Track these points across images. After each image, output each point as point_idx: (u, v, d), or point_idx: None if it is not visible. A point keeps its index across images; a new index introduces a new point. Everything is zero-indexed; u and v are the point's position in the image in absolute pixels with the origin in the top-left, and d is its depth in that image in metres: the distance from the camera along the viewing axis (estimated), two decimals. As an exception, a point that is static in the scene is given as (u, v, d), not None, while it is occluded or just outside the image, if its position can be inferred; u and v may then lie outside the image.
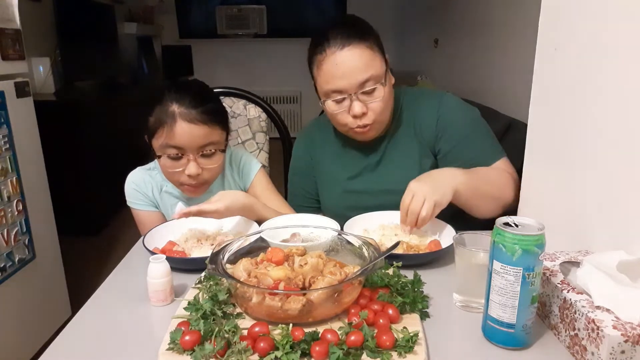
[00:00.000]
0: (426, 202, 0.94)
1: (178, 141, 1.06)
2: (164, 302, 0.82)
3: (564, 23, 0.90)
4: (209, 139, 1.09)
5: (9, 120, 1.71)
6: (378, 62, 1.08)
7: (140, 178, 1.22)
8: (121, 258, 1.02)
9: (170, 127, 1.06)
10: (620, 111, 0.76)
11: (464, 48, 3.44)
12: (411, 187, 0.97)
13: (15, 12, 1.77)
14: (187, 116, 1.06)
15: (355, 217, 1.08)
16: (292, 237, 0.98)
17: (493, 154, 1.13)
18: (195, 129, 1.06)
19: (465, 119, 1.16)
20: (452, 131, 1.14)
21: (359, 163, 1.22)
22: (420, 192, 0.95)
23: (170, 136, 1.06)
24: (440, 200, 0.95)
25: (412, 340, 0.65)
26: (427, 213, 0.94)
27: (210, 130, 1.09)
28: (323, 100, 1.11)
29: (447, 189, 0.97)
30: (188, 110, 1.06)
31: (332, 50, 1.05)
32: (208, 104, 1.10)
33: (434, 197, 0.94)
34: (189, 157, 1.08)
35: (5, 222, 1.67)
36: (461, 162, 1.10)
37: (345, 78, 1.05)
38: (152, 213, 1.22)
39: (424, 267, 0.94)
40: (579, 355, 0.66)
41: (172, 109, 1.06)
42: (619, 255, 0.69)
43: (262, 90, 2.70)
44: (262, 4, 5.45)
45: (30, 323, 1.81)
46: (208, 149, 1.10)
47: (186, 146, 1.07)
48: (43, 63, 3.13)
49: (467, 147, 1.13)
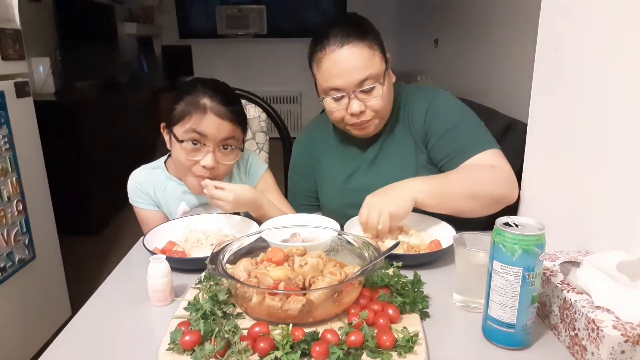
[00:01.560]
0: (381, 214, 0.96)
1: (204, 129, 1.10)
2: (164, 302, 0.82)
3: (564, 23, 0.90)
4: (231, 135, 1.13)
5: (9, 120, 1.70)
6: (377, 61, 1.08)
7: (143, 177, 1.23)
8: (121, 258, 1.02)
9: (198, 117, 1.10)
10: (621, 111, 0.76)
11: (464, 48, 3.44)
12: (367, 201, 0.99)
13: (15, 12, 1.77)
14: (218, 111, 1.10)
15: (355, 218, 1.08)
16: (292, 237, 0.99)
17: (481, 143, 1.10)
18: (222, 123, 1.11)
19: (454, 111, 1.16)
20: (440, 121, 1.13)
21: (357, 160, 1.23)
22: (375, 205, 0.97)
23: (198, 123, 1.10)
24: (396, 211, 0.96)
25: (412, 340, 0.65)
26: (383, 226, 0.96)
27: (234, 128, 1.13)
28: (322, 97, 1.12)
29: (404, 198, 0.98)
30: (219, 106, 1.11)
31: (332, 49, 1.06)
32: (235, 105, 1.16)
33: (389, 208, 0.96)
34: (208, 148, 1.11)
35: (5, 222, 1.66)
36: (448, 151, 1.10)
37: (344, 76, 1.05)
38: (154, 212, 1.23)
39: (424, 267, 0.94)
40: (579, 355, 0.66)
41: (204, 101, 1.10)
42: (619, 255, 0.69)
43: (262, 90, 2.69)
44: (262, 4, 5.45)
45: (30, 323, 1.81)
46: (229, 143, 1.14)
47: (210, 136, 1.10)
48: (43, 63, 3.13)
49: (454, 136, 1.11)
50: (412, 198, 0.98)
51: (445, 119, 1.13)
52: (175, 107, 1.12)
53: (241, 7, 5.43)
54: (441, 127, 1.13)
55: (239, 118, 1.15)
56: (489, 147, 1.09)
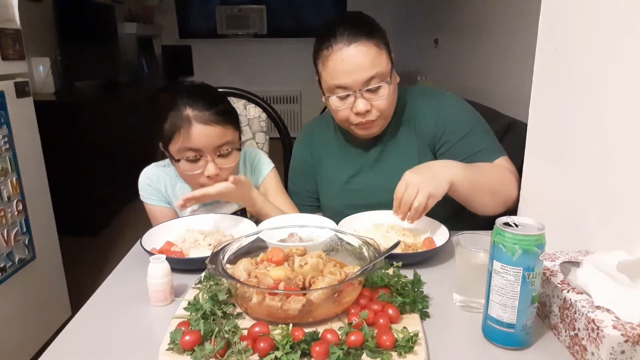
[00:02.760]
0: (419, 193, 0.93)
1: (195, 143, 1.08)
2: (164, 302, 0.82)
3: (564, 23, 0.89)
4: (225, 139, 1.11)
5: (9, 120, 1.70)
6: (384, 60, 1.07)
7: (154, 174, 1.24)
8: (121, 258, 1.02)
9: (186, 131, 1.08)
10: (621, 111, 0.76)
11: (464, 48, 3.44)
12: (405, 178, 0.96)
13: (15, 12, 1.77)
14: (202, 118, 1.08)
15: (349, 217, 1.08)
16: (289, 237, 0.99)
17: (495, 151, 1.13)
18: (210, 130, 1.08)
19: (468, 116, 1.16)
20: (455, 127, 1.13)
21: (359, 161, 1.22)
22: (414, 182, 0.94)
23: (187, 139, 1.08)
24: (435, 192, 0.94)
25: (412, 340, 0.65)
26: (419, 204, 0.92)
27: (225, 130, 1.11)
28: (327, 96, 1.11)
29: (442, 180, 0.96)
30: (202, 113, 1.08)
31: (339, 46, 1.05)
32: (220, 105, 1.12)
33: (428, 189, 0.93)
34: (206, 159, 1.10)
35: (5, 222, 1.66)
36: (464, 156, 1.10)
37: (351, 75, 1.05)
38: (164, 209, 1.23)
39: (424, 266, 0.94)
40: (579, 355, 0.66)
41: (187, 112, 1.08)
42: (619, 255, 0.69)
43: (262, 90, 2.70)
44: (262, 4, 5.45)
45: (30, 323, 1.81)
46: (224, 148, 1.12)
47: (203, 147, 1.09)
48: (43, 63, 3.13)
49: (470, 141, 1.12)
50: (449, 180, 0.96)
51: (458, 125, 1.14)
52: (163, 125, 1.10)
53: (241, 7, 5.43)
54: (454, 135, 1.13)
55: (227, 118, 1.12)
56: (501, 155, 1.13)
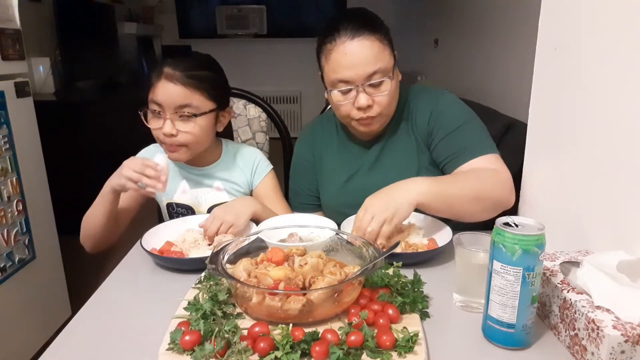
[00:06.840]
0: (374, 220, 0.92)
1: (158, 97, 1.11)
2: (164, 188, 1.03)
3: (564, 23, 0.90)
4: (186, 101, 1.11)
5: (9, 120, 1.70)
6: (387, 55, 1.07)
7: (151, 152, 1.26)
8: (121, 258, 1.02)
9: (155, 85, 1.11)
10: (620, 111, 0.76)
11: (464, 48, 3.44)
12: (365, 203, 0.96)
13: (15, 12, 1.77)
14: (172, 76, 1.10)
15: (351, 217, 1.08)
16: (289, 237, 0.99)
17: (482, 147, 1.09)
18: (173, 88, 1.10)
19: (460, 113, 1.15)
20: (444, 122, 1.13)
21: (359, 160, 1.23)
22: (370, 209, 0.94)
23: (154, 92, 1.11)
24: (392, 217, 0.92)
25: (412, 340, 0.65)
26: (372, 230, 0.92)
27: (189, 94, 1.11)
28: (329, 90, 1.11)
29: (403, 203, 0.94)
30: (174, 72, 1.10)
31: (342, 40, 1.05)
32: (200, 71, 1.13)
33: (384, 215, 0.92)
34: (165, 116, 1.12)
35: (5, 222, 1.66)
36: (450, 152, 1.09)
37: (353, 69, 1.05)
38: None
39: (424, 266, 0.94)
40: (579, 355, 0.66)
41: (164, 69, 1.11)
42: (619, 255, 0.69)
43: (262, 90, 2.70)
44: (262, 4, 5.45)
45: (30, 323, 1.81)
46: (185, 111, 1.11)
47: (164, 104, 1.11)
48: (43, 63, 3.13)
49: (456, 137, 1.11)
50: (412, 202, 0.95)
51: (449, 120, 1.13)
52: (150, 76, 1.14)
53: (241, 7, 5.43)
54: (444, 128, 1.12)
55: (198, 83, 1.11)
56: (490, 152, 1.09)
